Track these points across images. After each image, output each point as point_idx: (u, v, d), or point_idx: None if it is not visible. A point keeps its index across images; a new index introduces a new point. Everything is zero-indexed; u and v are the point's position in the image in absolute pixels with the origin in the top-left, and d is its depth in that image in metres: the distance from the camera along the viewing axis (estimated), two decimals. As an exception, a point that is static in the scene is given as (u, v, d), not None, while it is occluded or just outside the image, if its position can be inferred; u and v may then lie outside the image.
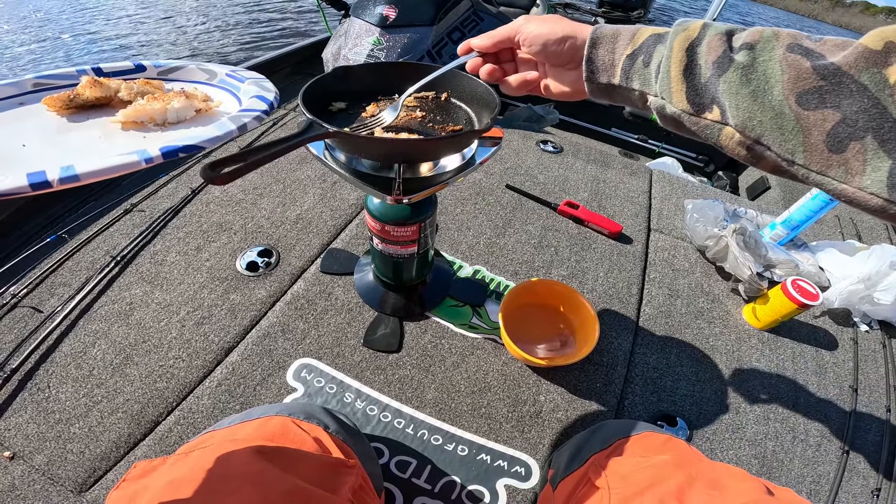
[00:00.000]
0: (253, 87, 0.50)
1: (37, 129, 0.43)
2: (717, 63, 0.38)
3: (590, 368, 0.87)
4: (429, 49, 1.55)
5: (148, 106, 0.43)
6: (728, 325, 1.00)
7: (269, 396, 0.77)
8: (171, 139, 0.37)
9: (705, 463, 0.51)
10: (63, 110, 0.45)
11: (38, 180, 0.31)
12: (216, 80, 0.54)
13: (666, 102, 0.42)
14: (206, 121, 0.45)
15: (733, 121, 0.37)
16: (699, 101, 0.40)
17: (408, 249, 0.77)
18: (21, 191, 0.30)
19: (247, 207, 1.10)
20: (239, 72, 0.54)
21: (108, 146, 0.41)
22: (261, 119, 0.43)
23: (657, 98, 0.43)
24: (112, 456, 0.69)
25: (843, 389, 0.92)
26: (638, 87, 0.45)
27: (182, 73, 0.55)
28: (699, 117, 0.40)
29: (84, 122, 0.44)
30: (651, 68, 0.43)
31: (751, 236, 1.06)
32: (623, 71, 0.46)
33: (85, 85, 0.45)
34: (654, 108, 0.44)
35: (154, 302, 0.89)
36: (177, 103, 0.44)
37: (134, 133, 0.43)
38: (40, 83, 0.48)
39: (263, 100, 0.46)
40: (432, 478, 0.71)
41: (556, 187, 1.30)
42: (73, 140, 0.42)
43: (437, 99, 0.67)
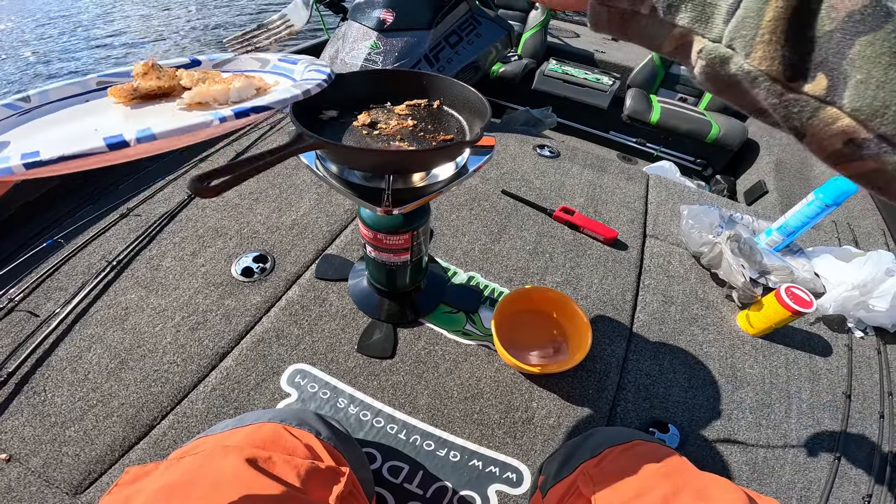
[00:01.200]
0: (306, 66, 0.52)
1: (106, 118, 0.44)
2: (856, 14, 0.25)
3: (583, 375, 0.87)
4: (426, 53, 1.56)
5: (210, 87, 0.44)
6: (722, 331, 1.00)
7: (263, 401, 0.78)
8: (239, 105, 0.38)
9: (692, 472, 0.51)
10: (129, 100, 0.46)
11: (115, 141, 0.31)
12: (269, 66, 0.56)
13: (735, 54, 0.28)
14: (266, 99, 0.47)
15: (854, 102, 0.25)
16: (798, 63, 0.27)
17: (401, 257, 0.78)
18: (98, 150, 0.31)
19: (242, 212, 1.11)
20: (290, 56, 0.56)
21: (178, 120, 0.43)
22: (322, 86, 0.45)
23: (717, 45, 0.29)
24: (107, 459, 0.70)
25: (836, 396, 0.92)
26: (686, 24, 0.30)
27: (235, 63, 0.56)
28: (788, 87, 0.27)
29: (150, 107, 0.46)
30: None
31: (745, 243, 1.06)
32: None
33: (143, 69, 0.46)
34: (707, 58, 0.30)
35: (149, 307, 0.89)
36: (238, 83, 0.45)
37: (199, 113, 0.44)
38: (103, 81, 0.49)
39: (321, 71, 0.48)
40: (424, 483, 0.72)
41: (552, 192, 1.30)
42: (143, 120, 0.44)
43: (429, 107, 0.68)
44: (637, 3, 0.32)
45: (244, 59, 0.57)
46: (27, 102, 0.45)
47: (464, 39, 1.66)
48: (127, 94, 0.46)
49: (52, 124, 0.43)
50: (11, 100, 0.44)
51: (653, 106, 2.15)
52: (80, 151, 0.30)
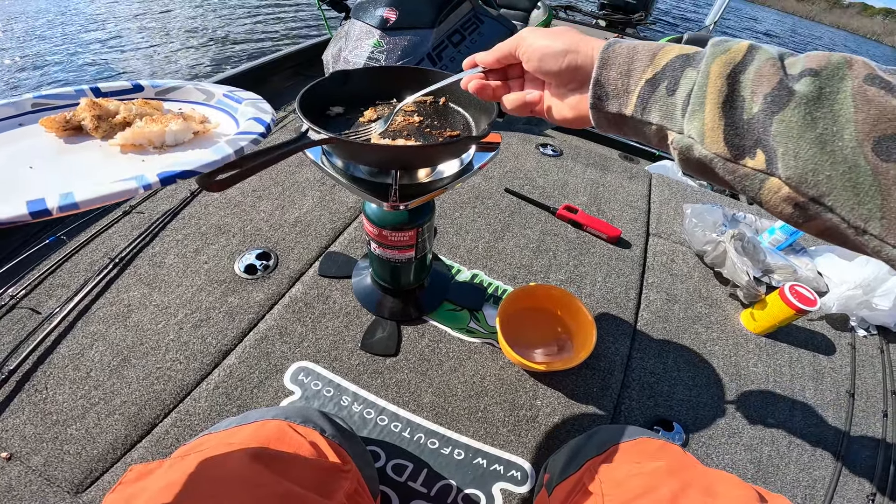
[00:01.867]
0: (250, 108, 0.50)
1: (35, 150, 0.43)
2: (770, 96, 0.31)
3: (587, 373, 0.87)
4: (429, 52, 1.56)
5: (146, 128, 0.43)
6: (726, 329, 1.00)
7: (267, 399, 0.77)
8: (168, 163, 0.37)
9: (699, 469, 0.51)
10: (61, 131, 0.44)
11: (37, 209, 0.31)
12: (213, 100, 0.54)
13: (695, 143, 0.34)
14: (203, 143, 0.45)
15: (785, 172, 0.30)
16: (740, 143, 0.32)
17: (405, 254, 0.77)
18: (22, 219, 0.31)
19: (245, 210, 1.11)
20: (236, 92, 0.54)
21: (107, 169, 0.41)
22: (257, 142, 0.43)
23: (682, 136, 0.36)
24: (109, 457, 0.69)
25: (839, 394, 0.92)
26: (657, 121, 0.37)
27: (180, 93, 0.55)
28: (736, 164, 0.33)
29: (82, 143, 0.44)
30: (677, 98, 0.36)
31: (749, 241, 1.06)
32: (640, 99, 0.38)
33: (84, 107, 0.45)
34: (677, 148, 0.36)
35: (152, 304, 0.89)
36: (175, 126, 0.44)
37: (132, 155, 0.42)
38: (39, 103, 0.48)
39: (260, 122, 0.46)
40: (428, 481, 0.71)
41: (555, 191, 1.30)
42: (72, 163, 0.42)
43: (435, 104, 0.68)
44: (622, 108, 0.39)
45: (189, 88, 0.55)
46: None
47: (466, 38, 1.66)
48: (59, 125, 0.44)
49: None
50: None
51: None
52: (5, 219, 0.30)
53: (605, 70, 0.40)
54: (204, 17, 7.07)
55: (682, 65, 0.36)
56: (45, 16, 6.58)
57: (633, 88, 0.38)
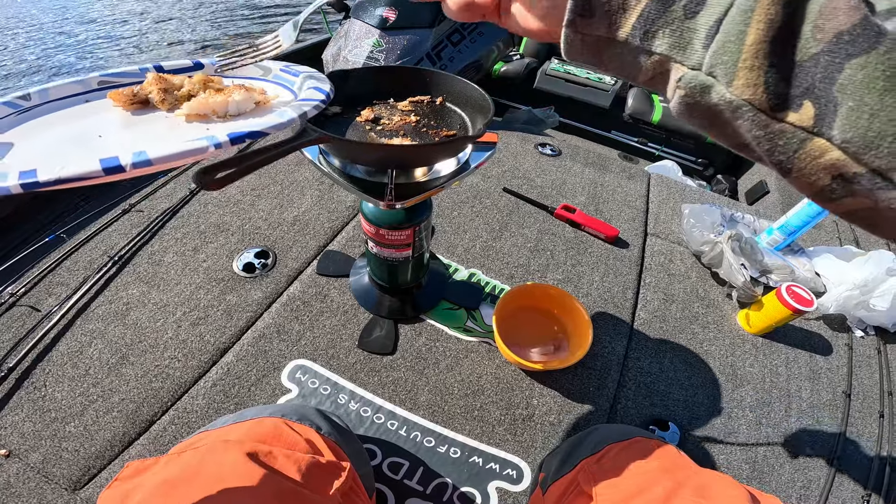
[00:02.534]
0: (308, 79, 0.52)
1: (105, 122, 0.44)
2: (847, 35, 0.23)
3: (583, 372, 0.87)
4: (428, 51, 1.56)
5: (210, 99, 0.44)
6: (722, 330, 1.00)
7: (264, 397, 0.78)
8: (235, 128, 0.38)
9: (693, 469, 0.51)
10: (128, 105, 0.46)
11: (111, 165, 0.32)
12: (271, 75, 0.56)
13: (717, 83, 0.26)
14: (264, 112, 0.46)
15: (844, 133, 0.23)
16: (784, 90, 0.25)
17: (402, 253, 0.78)
18: (94, 175, 0.31)
19: (244, 208, 1.11)
20: (292, 67, 0.56)
21: (176, 135, 0.43)
22: (319, 108, 0.45)
23: (697, 73, 0.27)
24: (107, 454, 0.70)
25: (836, 395, 0.92)
26: (663, 51, 0.28)
27: (238, 70, 0.56)
28: (772, 116, 0.25)
29: (149, 115, 0.46)
30: (699, 22, 0.27)
31: (746, 242, 1.06)
32: (642, 20, 0.28)
33: (151, 81, 0.46)
34: (686, 87, 0.28)
35: (151, 302, 0.89)
36: (237, 95, 0.45)
37: (197, 125, 0.44)
38: (105, 81, 0.50)
39: (320, 90, 0.48)
40: (424, 479, 0.72)
41: (553, 191, 1.30)
42: (140, 132, 0.43)
43: (431, 103, 0.68)
44: (612, 31, 0.30)
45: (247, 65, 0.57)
46: (27, 101, 0.45)
47: (466, 38, 1.66)
48: (126, 98, 0.46)
49: (52, 125, 0.43)
50: (11, 98, 0.44)
51: (654, 106, 2.14)
52: (77, 174, 0.31)
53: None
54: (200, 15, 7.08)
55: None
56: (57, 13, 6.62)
57: (632, 4, 0.29)
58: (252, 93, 0.47)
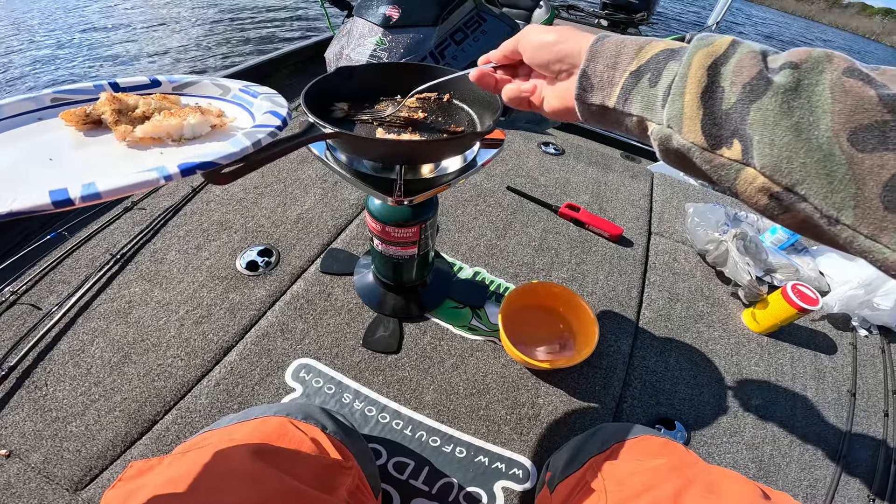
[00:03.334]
0: (266, 102, 0.50)
1: (57, 142, 0.43)
2: (748, 86, 0.31)
3: (589, 371, 0.87)
4: (431, 50, 1.56)
5: (164, 122, 0.43)
6: (727, 328, 1.00)
7: (268, 396, 0.77)
8: (188, 155, 0.37)
9: (702, 466, 0.51)
10: (80, 125, 0.45)
11: (60, 198, 0.31)
12: (229, 94, 0.55)
13: (673, 132, 0.35)
14: (220, 136, 0.45)
15: (759, 161, 0.30)
16: (717, 132, 0.32)
17: (408, 251, 0.77)
18: (44, 208, 0.31)
19: (247, 206, 1.10)
20: (252, 87, 0.55)
21: (127, 162, 0.42)
22: (274, 135, 0.43)
23: (661, 127, 0.36)
24: (109, 454, 0.69)
25: (841, 394, 0.92)
26: (637, 112, 0.38)
27: (196, 88, 0.55)
28: (713, 153, 0.33)
29: (101, 137, 0.45)
30: (658, 89, 0.36)
31: (751, 241, 1.06)
32: (623, 91, 0.39)
33: (104, 101, 0.45)
34: (657, 138, 0.37)
35: (153, 300, 0.89)
36: (193, 119, 0.44)
37: (152, 149, 0.43)
38: (58, 98, 0.48)
39: (276, 115, 0.46)
40: (430, 479, 0.71)
41: (557, 189, 1.30)
42: (92, 155, 0.42)
43: (439, 100, 0.67)
44: (605, 100, 0.40)
45: (206, 83, 0.55)
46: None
47: (469, 37, 1.66)
48: (79, 119, 0.45)
49: (3, 145, 0.42)
50: None
51: None
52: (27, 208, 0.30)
53: (593, 63, 0.40)
54: (204, 14, 7.07)
55: (666, 58, 0.37)
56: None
57: (617, 80, 0.39)
58: (208, 115, 0.46)
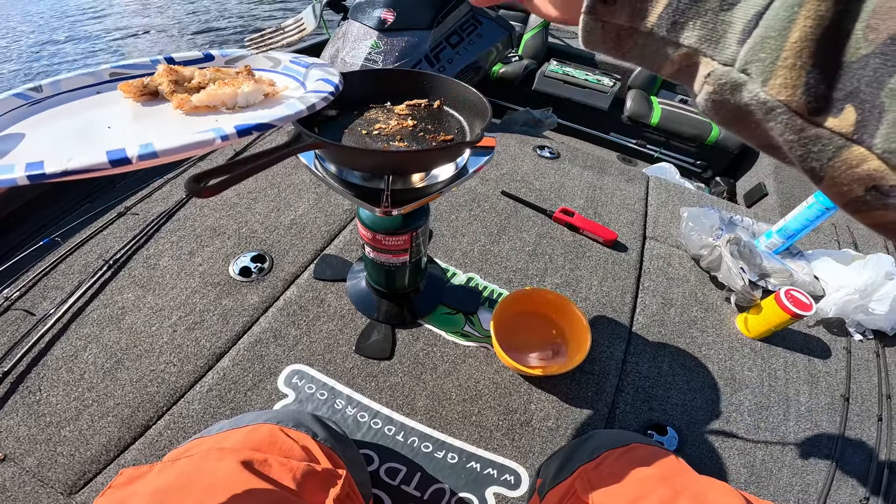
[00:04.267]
0: (317, 71, 0.52)
1: (115, 113, 0.45)
2: None
3: (581, 377, 0.87)
4: (427, 53, 1.56)
5: (220, 90, 0.45)
6: (721, 334, 1.00)
7: (260, 402, 0.77)
8: (243, 119, 0.38)
9: (690, 476, 0.51)
10: (138, 97, 0.47)
11: (118, 157, 0.32)
12: (280, 66, 0.56)
13: (750, 81, 0.24)
14: (273, 104, 0.47)
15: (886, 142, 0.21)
16: (824, 92, 0.22)
17: (400, 258, 0.77)
18: (101, 167, 0.31)
19: (241, 212, 1.10)
20: (301, 58, 0.56)
21: (184, 127, 0.43)
22: (328, 100, 0.44)
23: (729, 70, 0.25)
24: (102, 459, 0.69)
25: (834, 398, 0.92)
26: (692, 44, 0.26)
27: (248, 61, 0.56)
28: (809, 121, 0.23)
29: (158, 107, 0.46)
30: (737, 14, 0.24)
31: (745, 246, 1.06)
32: (670, 9, 0.26)
33: (161, 73, 0.47)
34: (716, 84, 0.26)
35: (146, 306, 0.89)
36: (247, 87, 0.45)
37: (207, 116, 0.44)
38: (116, 72, 0.50)
39: (329, 82, 0.48)
40: (422, 485, 0.71)
41: (551, 194, 1.30)
42: (149, 123, 0.44)
43: (429, 107, 0.67)
44: (636, 20, 0.27)
45: (257, 57, 0.57)
46: (38, 92, 0.45)
47: (465, 40, 1.65)
48: (136, 90, 0.46)
49: (63, 117, 0.44)
50: (23, 89, 0.44)
51: (653, 107, 2.15)
52: (84, 166, 0.31)
53: None
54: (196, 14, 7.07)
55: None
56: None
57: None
58: (261, 84, 0.47)
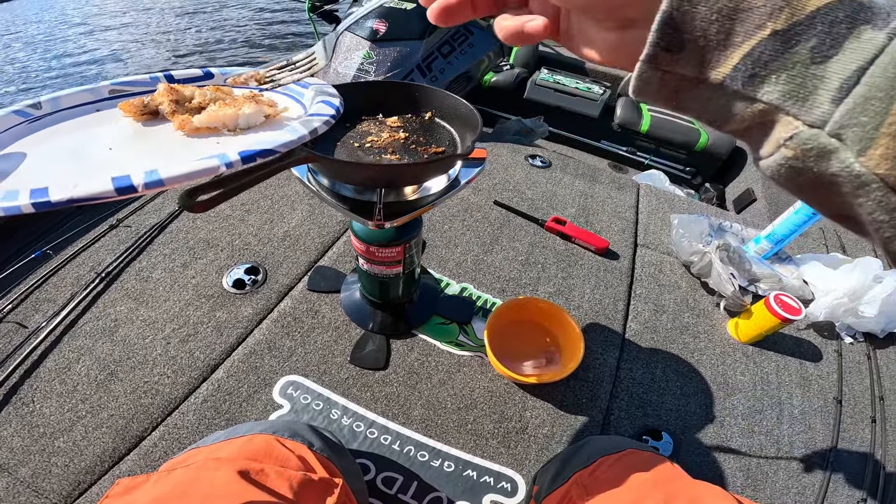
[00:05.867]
0: (318, 93, 0.52)
1: (115, 133, 0.45)
2: None
3: (575, 384, 0.87)
4: (419, 63, 1.57)
5: (221, 111, 0.44)
6: (713, 339, 1.01)
7: (255, 413, 0.77)
8: (245, 143, 0.38)
9: (684, 481, 0.51)
10: (138, 115, 0.46)
11: (123, 185, 0.32)
12: (281, 87, 0.56)
13: (844, 148, 0.20)
14: (274, 126, 0.47)
15: None
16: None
17: (393, 269, 0.78)
18: (107, 195, 0.31)
19: (234, 224, 1.10)
20: (302, 78, 0.56)
21: (185, 150, 0.43)
22: (329, 124, 0.44)
23: (818, 133, 0.21)
24: (97, 470, 0.69)
25: (827, 401, 0.93)
26: (774, 101, 0.22)
27: (248, 81, 0.56)
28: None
29: (158, 127, 0.46)
30: (831, 70, 0.20)
31: (735, 251, 1.07)
32: (752, 60, 0.22)
33: (162, 93, 0.47)
34: (799, 149, 0.22)
35: (139, 318, 0.88)
36: (248, 109, 0.45)
37: (208, 138, 0.44)
38: (116, 90, 0.50)
39: (330, 105, 0.48)
40: (419, 494, 0.71)
41: (543, 203, 1.31)
42: (150, 145, 0.43)
43: (420, 119, 0.68)
44: (704, 70, 0.23)
45: None
46: (38, 109, 0.45)
47: (456, 49, 1.67)
48: (136, 109, 0.46)
49: (63, 135, 0.44)
50: (22, 106, 0.44)
51: (643, 115, 2.17)
52: (90, 195, 0.31)
53: (689, 2, 0.22)
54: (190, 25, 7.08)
55: (853, 16, 0.20)
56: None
57: (738, 41, 0.22)
58: (262, 106, 0.47)
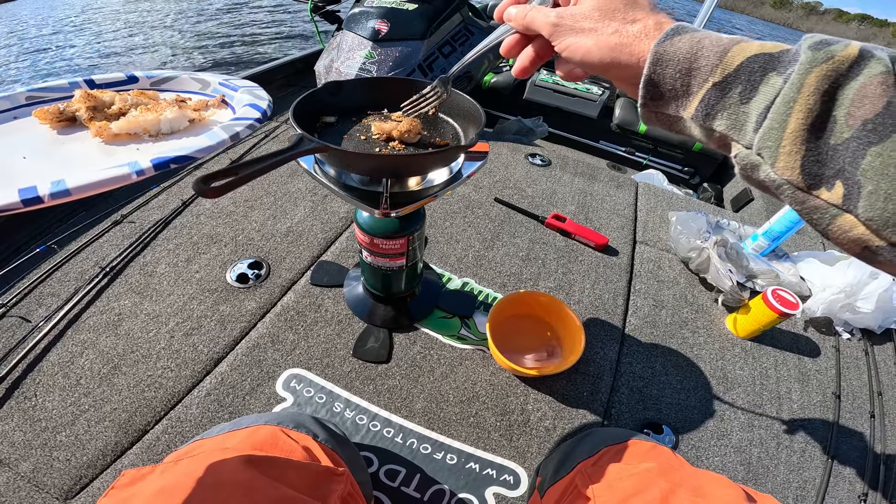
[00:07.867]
0: (246, 95, 0.50)
1: (29, 142, 0.43)
2: (870, 123, 0.26)
3: (577, 378, 0.88)
4: (420, 63, 1.58)
5: (141, 117, 0.43)
6: (712, 334, 1.02)
7: (259, 406, 0.77)
8: (163, 150, 0.37)
9: (689, 470, 0.52)
10: (55, 123, 0.45)
11: (29, 196, 0.31)
12: (209, 89, 0.55)
13: (763, 163, 0.30)
14: (199, 131, 0.45)
15: (867, 212, 0.26)
16: (818, 171, 0.28)
17: (396, 262, 0.78)
18: (13, 206, 0.30)
19: (237, 219, 1.11)
20: (232, 80, 0.54)
21: (102, 158, 0.41)
22: (253, 128, 0.43)
23: (749, 153, 0.31)
24: (99, 464, 0.69)
25: (826, 396, 0.94)
26: (722, 130, 0.32)
27: (174, 83, 0.55)
28: (808, 193, 0.29)
29: (76, 134, 0.44)
30: (752, 108, 0.30)
31: (732, 248, 1.08)
32: (703, 104, 0.33)
33: (79, 99, 0.45)
34: (741, 164, 0.32)
35: (143, 313, 0.89)
36: (169, 114, 0.44)
37: (128, 145, 0.43)
38: (33, 96, 0.48)
39: (256, 108, 0.46)
40: (422, 486, 0.72)
41: (543, 200, 1.32)
42: (66, 153, 0.42)
43: (424, 114, 0.69)
44: (679, 111, 0.35)
45: (184, 78, 0.55)
46: None
47: (457, 50, 1.68)
48: (53, 116, 0.44)
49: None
50: None
51: None
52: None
53: (660, 68, 0.34)
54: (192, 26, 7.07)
55: (764, 68, 0.30)
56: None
57: (694, 91, 0.33)
58: (185, 110, 0.45)
